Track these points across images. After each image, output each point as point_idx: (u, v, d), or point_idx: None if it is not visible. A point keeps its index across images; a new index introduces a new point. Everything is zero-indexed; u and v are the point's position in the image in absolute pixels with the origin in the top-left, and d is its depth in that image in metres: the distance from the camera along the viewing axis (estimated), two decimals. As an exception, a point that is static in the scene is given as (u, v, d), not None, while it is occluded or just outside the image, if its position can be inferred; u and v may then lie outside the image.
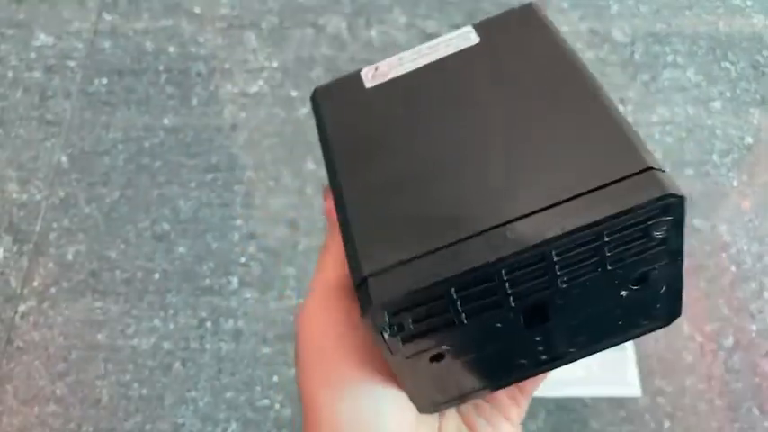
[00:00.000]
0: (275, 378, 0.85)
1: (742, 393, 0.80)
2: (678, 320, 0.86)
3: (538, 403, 0.78)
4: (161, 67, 1.10)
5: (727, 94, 1.06)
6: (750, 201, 0.95)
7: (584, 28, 1.11)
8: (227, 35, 1.15)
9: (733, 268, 0.89)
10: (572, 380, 0.79)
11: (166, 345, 0.88)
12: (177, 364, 0.87)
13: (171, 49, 1.12)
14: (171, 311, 0.90)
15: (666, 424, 0.79)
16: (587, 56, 1.08)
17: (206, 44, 1.13)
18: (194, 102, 1.07)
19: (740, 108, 1.04)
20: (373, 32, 1.13)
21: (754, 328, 0.84)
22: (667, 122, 1.03)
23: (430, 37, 1.12)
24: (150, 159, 1.02)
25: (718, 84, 1.06)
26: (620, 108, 1.09)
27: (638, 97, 1.05)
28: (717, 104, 1.05)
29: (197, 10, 1.16)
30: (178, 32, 1.14)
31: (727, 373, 0.81)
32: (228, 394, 0.85)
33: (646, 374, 0.80)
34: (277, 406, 0.84)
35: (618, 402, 0.79)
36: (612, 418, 0.79)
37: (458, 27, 1.14)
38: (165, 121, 1.05)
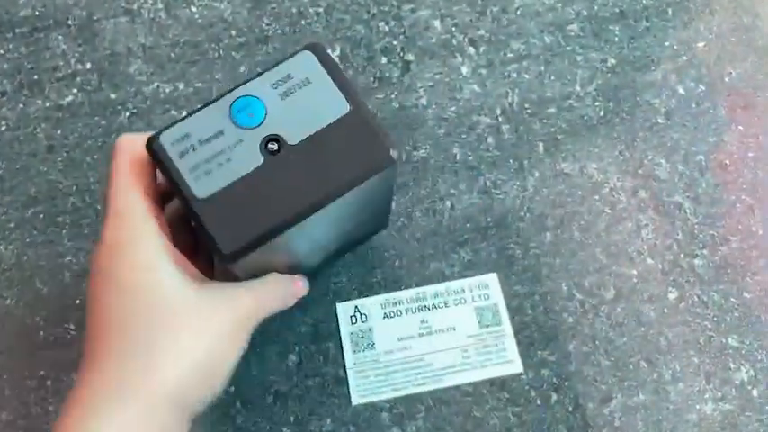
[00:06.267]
0: (129, 430, 0.77)
1: (628, 348, 0.75)
2: (556, 279, 0.78)
3: (415, 400, 0.71)
4: (-40, 92, 0.96)
5: (584, 13, 0.97)
6: (618, 129, 0.87)
7: (424, -36, 1.00)
8: (30, 41, 1.01)
9: (607, 210, 0.82)
10: (447, 369, 0.72)
11: (4, 416, 0.78)
12: (21, 435, 0.77)
13: (-31, 69, 0.98)
14: (4, 376, 0.80)
15: (554, 397, 0.73)
16: (429, -4, 0.97)
17: (7, 56, 0.99)
18: (2, 126, 0.94)
19: (600, 27, 0.96)
20: (194, 8, 1.01)
21: (634, 272, 0.78)
22: (523, 57, 0.94)
23: (258, 4, 1.00)
24: (-38, 202, 0.90)
25: (574, 3, 0.97)
26: (472, 50, 0.97)
27: (489, 34, 0.95)
28: (575, 27, 0.96)
29: (-7, 17, 1.01)
30: (-26, 47, 0.99)
31: (611, 329, 0.75)
32: (82, 457, 0.76)
33: (526, 347, 0.73)
34: (136, 460, 0.76)
35: (500, 384, 0.73)
36: (496, 402, 0.72)
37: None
38: (-26, 155, 0.92)
